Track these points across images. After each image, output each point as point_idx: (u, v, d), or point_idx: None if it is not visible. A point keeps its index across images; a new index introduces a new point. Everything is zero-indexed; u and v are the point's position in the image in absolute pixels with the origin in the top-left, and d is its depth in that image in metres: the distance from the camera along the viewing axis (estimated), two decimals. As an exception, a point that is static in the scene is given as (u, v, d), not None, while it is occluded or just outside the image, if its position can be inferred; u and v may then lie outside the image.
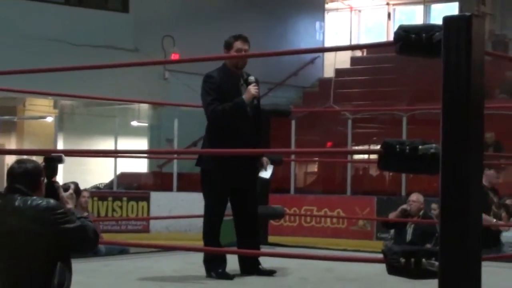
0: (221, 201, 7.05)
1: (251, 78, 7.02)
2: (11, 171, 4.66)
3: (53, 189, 4.79)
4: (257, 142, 7.06)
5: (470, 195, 3.28)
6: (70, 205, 4.78)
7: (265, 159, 7.24)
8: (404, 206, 10.49)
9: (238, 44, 6.99)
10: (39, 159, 14.65)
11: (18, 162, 4.75)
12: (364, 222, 16.51)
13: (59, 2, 19.11)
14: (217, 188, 6.95)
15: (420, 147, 3.55)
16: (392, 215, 10.76)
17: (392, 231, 11.15)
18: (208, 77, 7.02)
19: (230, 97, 6.91)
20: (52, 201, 4.52)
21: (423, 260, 3.46)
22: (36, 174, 4.65)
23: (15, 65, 16.59)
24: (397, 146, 3.59)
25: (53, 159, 5.09)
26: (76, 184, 11.37)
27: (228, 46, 7.03)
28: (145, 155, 16.48)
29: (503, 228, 10.94)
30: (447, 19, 3.24)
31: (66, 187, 5.11)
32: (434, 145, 3.51)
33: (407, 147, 3.57)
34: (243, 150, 6.79)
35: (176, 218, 15.66)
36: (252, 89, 6.92)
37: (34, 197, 4.52)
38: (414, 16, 25.69)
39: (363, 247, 14.40)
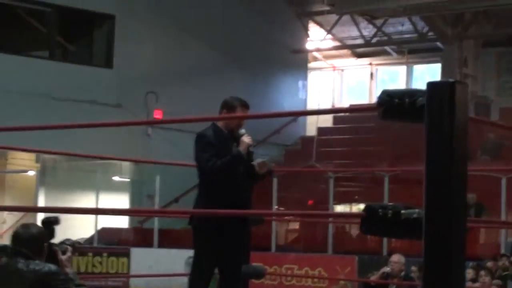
0: (213, 264, 7.13)
1: (242, 131, 7.09)
2: (17, 235, 4.70)
3: (51, 252, 4.81)
4: (250, 196, 7.26)
5: (453, 260, 3.24)
6: (69, 269, 4.79)
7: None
8: (385, 269, 10.44)
9: (240, 110, 7.11)
10: (18, 215, 14.50)
11: (23, 226, 4.80)
12: (345, 282, 16.41)
13: (43, 57, 19.10)
14: (212, 249, 7.01)
15: (402, 211, 3.51)
16: (373, 278, 10.69)
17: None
18: (201, 136, 7.12)
19: (222, 155, 6.98)
20: (53, 266, 4.56)
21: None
22: (40, 240, 4.71)
23: (2, 117, 16.86)
24: (380, 210, 3.54)
25: (50, 221, 5.14)
26: (73, 244, 11.30)
27: (230, 108, 7.14)
28: (126, 212, 16.40)
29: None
30: (430, 85, 3.19)
31: (63, 250, 5.11)
32: (417, 210, 3.47)
33: (390, 211, 3.53)
34: (234, 212, 6.85)
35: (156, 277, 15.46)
36: (246, 138, 7.02)
37: (36, 261, 4.55)
38: (397, 76, 25.81)
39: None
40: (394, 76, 25.96)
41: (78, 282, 4.81)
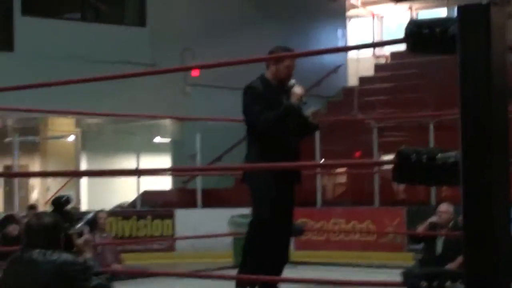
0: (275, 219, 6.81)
1: (292, 82, 6.84)
2: (29, 227, 4.50)
3: (68, 239, 4.60)
4: (299, 149, 7.04)
5: (495, 206, 2.86)
6: (87, 254, 4.60)
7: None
8: (433, 219, 10.06)
9: (289, 60, 6.87)
10: (61, 182, 14.36)
11: (36, 217, 4.60)
12: (393, 235, 16.06)
13: (75, 18, 18.83)
14: (273, 204, 6.71)
15: (438, 155, 3.14)
16: (420, 229, 10.31)
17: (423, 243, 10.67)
18: (250, 88, 6.86)
19: (273, 108, 6.73)
20: (69, 256, 4.38)
21: (447, 283, 3.06)
22: (54, 230, 4.49)
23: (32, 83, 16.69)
24: (413, 156, 3.18)
25: (60, 203, 4.92)
26: (90, 219, 11.10)
27: (277, 59, 6.85)
28: (168, 172, 16.10)
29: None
30: (462, 9, 2.79)
31: (80, 232, 4.90)
32: (453, 153, 3.10)
33: (424, 156, 3.16)
34: (286, 165, 6.65)
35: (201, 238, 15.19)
36: (297, 89, 6.76)
37: (51, 251, 4.34)
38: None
39: (394, 259, 14.07)
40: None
41: (98, 270, 4.56)
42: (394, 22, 25.91)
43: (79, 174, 16.92)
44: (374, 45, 27.07)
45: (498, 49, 2.80)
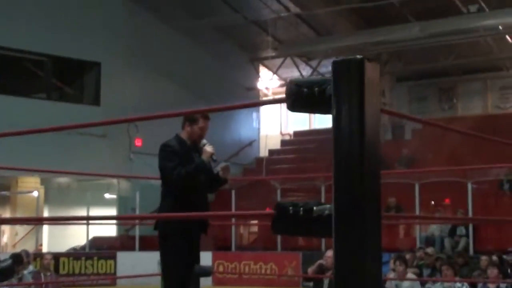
0: (183, 263, 5.93)
1: (204, 141, 6.04)
2: None
3: None
4: (207, 201, 6.23)
5: (367, 257, 2.25)
6: None
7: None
8: (320, 261, 9.47)
9: (202, 122, 6.06)
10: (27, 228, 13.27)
11: None
12: (292, 274, 15.51)
13: (42, 97, 18.02)
14: (180, 252, 5.86)
15: (314, 208, 2.53)
16: (310, 270, 9.69)
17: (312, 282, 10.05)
18: (166, 146, 5.98)
19: (186, 165, 5.89)
20: None
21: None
22: None
23: (5, 151, 15.79)
24: (290, 208, 2.55)
25: None
26: (26, 252, 10.24)
27: (192, 121, 6.04)
28: (112, 221, 15.30)
29: (400, 279, 9.96)
30: (335, 64, 2.21)
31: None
32: (328, 205, 2.49)
33: (301, 209, 2.54)
34: (197, 214, 5.86)
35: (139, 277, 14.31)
36: (208, 148, 5.95)
37: None
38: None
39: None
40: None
41: None
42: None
43: (41, 220, 15.89)
44: (262, 103, 26.79)
45: (372, 106, 2.21)
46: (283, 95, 2.77)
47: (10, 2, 16.78)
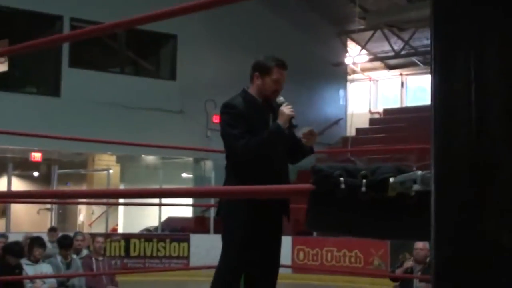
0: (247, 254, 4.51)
1: (280, 99, 4.51)
2: None
3: None
4: (289, 179, 4.73)
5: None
6: None
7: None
8: (409, 264, 8.14)
9: (277, 72, 4.52)
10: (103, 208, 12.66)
11: None
12: (379, 262, 14.26)
13: (116, 71, 17.28)
14: (246, 240, 4.44)
15: (391, 180, 1.37)
16: (398, 271, 8.36)
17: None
18: (229, 106, 4.51)
19: (257, 131, 4.41)
20: None
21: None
22: None
23: (81, 125, 15.18)
24: (337, 180, 1.38)
25: None
26: (81, 234, 9.43)
27: (264, 70, 4.52)
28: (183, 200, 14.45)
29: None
30: None
31: None
32: (419, 172, 1.33)
33: (363, 181, 1.37)
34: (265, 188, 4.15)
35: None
36: (286, 109, 4.38)
37: None
38: (425, 83, 23.43)
39: (379, 284, 12.34)
40: (423, 83, 23.56)
41: None
42: (387, 85, 24.14)
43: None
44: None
45: None
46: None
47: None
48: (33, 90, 16.20)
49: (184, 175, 19.12)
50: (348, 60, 21.56)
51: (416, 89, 23.66)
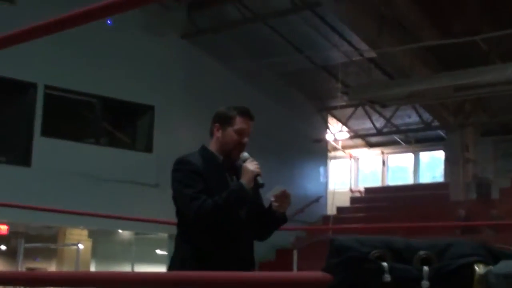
0: None
1: (244, 155, 3.85)
2: None
3: None
4: (253, 252, 3.87)
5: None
6: None
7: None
8: None
9: (240, 122, 3.91)
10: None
11: None
12: None
13: (90, 142, 16.73)
14: None
15: (479, 268, 0.83)
16: None
17: None
18: (183, 162, 3.82)
19: (215, 192, 3.66)
20: None
21: None
22: None
23: (52, 197, 14.52)
24: (380, 266, 0.85)
25: None
26: None
27: (225, 120, 3.90)
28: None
29: None
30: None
31: None
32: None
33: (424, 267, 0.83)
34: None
35: None
36: (250, 165, 3.74)
37: None
38: (405, 162, 23.12)
39: None
40: (402, 161, 23.26)
41: None
42: (368, 163, 23.80)
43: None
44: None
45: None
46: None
47: (59, 41, 15.69)
48: (2, 159, 15.57)
49: (158, 251, 18.37)
50: (329, 137, 21.23)
51: (396, 167, 23.35)
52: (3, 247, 18.93)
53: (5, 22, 14.51)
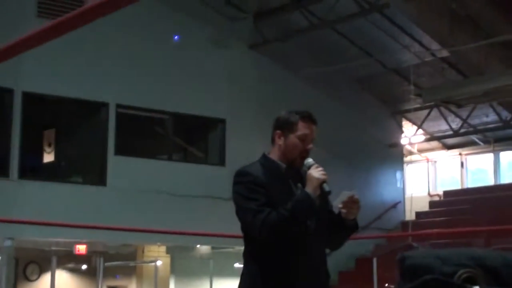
0: None
1: (309, 161, 3.63)
2: None
3: None
4: (326, 262, 3.68)
5: None
6: None
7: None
8: None
9: (303, 127, 3.69)
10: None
11: None
12: None
13: (163, 158, 16.78)
14: None
15: None
16: None
17: None
18: (243, 174, 3.67)
19: (279, 203, 3.47)
20: None
21: None
22: None
23: (128, 215, 14.65)
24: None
25: None
26: None
27: (287, 126, 3.69)
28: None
29: None
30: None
31: None
32: None
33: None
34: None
35: None
36: (315, 172, 3.52)
37: None
38: (485, 163, 22.38)
39: None
40: (482, 163, 22.52)
41: None
42: (446, 166, 23.16)
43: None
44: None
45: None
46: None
47: (130, 60, 15.82)
48: (79, 180, 15.77)
49: (236, 265, 18.24)
50: (404, 141, 20.76)
51: (476, 169, 22.65)
52: (84, 267, 19.14)
53: (73, 43, 14.67)
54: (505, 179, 21.49)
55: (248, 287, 3.58)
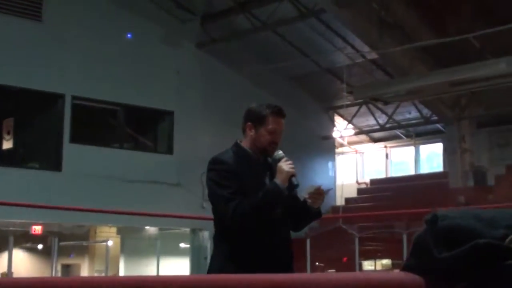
0: None
1: (279, 153, 3.63)
2: None
3: None
4: (291, 248, 3.66)
5: None
6: None
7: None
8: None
9: (273, 121, 3.61)
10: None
11: None
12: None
13: (115, 147, 16.60)
14: None
15: None
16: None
17: None
18: (217, 162, 3.54)
19: (251, 191, 3.44)
20: None
21: None
22: None
23: (82, 198, 14.38)
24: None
25: None
26: None
27: (258, 119, 3.61)
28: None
29: None
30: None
31: None
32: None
33: None
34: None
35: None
36: (285, 165, 3.51)
37: None
38: (407, 155, 22.84)
39: None
40: (404, 154, 22.98)
41: None
42: (372, 157, 23.54)
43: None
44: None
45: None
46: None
47: (86, 55, 15.57)
48: (36, 166, 15.47)
49: (181, 245, 18.23)
50: (335, 134, 21.00)
51: (399, 160, 23.08)
52: (40, 246, 18.81)
53: (31, 39, 14.40)
54: (424, 170, 22.00)
55: (218, 266, 3.50)
